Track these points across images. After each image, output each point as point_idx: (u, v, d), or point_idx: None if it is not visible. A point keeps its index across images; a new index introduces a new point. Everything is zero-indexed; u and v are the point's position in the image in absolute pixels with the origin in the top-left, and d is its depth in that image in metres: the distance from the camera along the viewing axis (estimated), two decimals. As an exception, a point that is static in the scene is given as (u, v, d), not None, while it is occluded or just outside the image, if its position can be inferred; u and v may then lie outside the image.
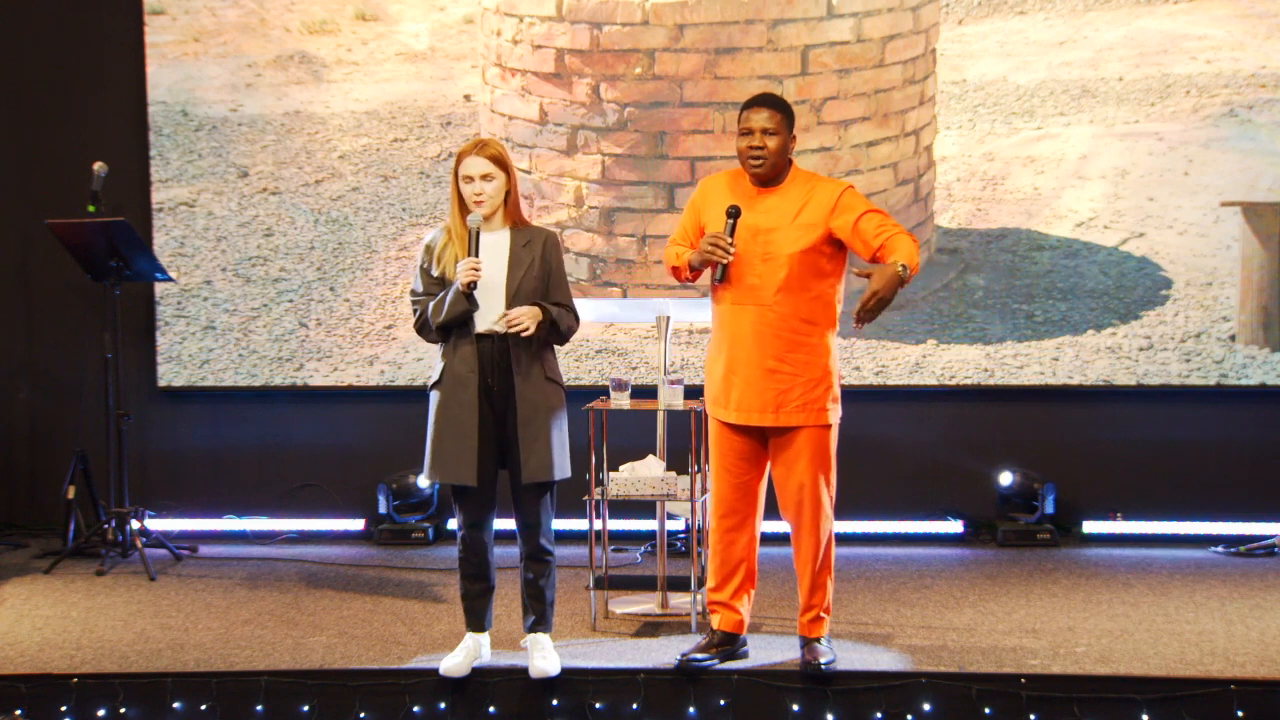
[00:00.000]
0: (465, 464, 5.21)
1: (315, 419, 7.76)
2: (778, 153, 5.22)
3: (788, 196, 5.25)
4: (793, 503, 5.30)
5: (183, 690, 5.36)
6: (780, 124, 5.22)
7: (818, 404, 5.24)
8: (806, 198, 5.23)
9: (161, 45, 7.70)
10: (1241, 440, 7.46)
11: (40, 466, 7.78)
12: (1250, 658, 5.49)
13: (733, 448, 5.34)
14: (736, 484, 5.35)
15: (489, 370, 5.23)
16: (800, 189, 5.27)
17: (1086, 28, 7.42)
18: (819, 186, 5.28)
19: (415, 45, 7.63)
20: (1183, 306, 7.42)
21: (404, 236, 7.68)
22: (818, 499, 5.27)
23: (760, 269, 5.21)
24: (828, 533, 5.33)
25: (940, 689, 5.24)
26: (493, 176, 5.21)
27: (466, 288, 5.14)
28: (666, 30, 7.39)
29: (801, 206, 5.22)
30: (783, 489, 5.32)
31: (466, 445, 5.20)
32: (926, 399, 7.55)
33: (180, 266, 7.71)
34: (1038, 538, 7.31)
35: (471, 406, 5.21)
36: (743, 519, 5.37)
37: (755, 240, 5.21)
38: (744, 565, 5.41)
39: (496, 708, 5.31)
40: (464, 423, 5.21)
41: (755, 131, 5.21)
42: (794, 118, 5.30)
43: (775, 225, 5.20)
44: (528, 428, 5.22)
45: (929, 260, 7.50)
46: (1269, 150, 7.35)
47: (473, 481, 5.21)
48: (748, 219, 5.22)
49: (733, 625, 5.44)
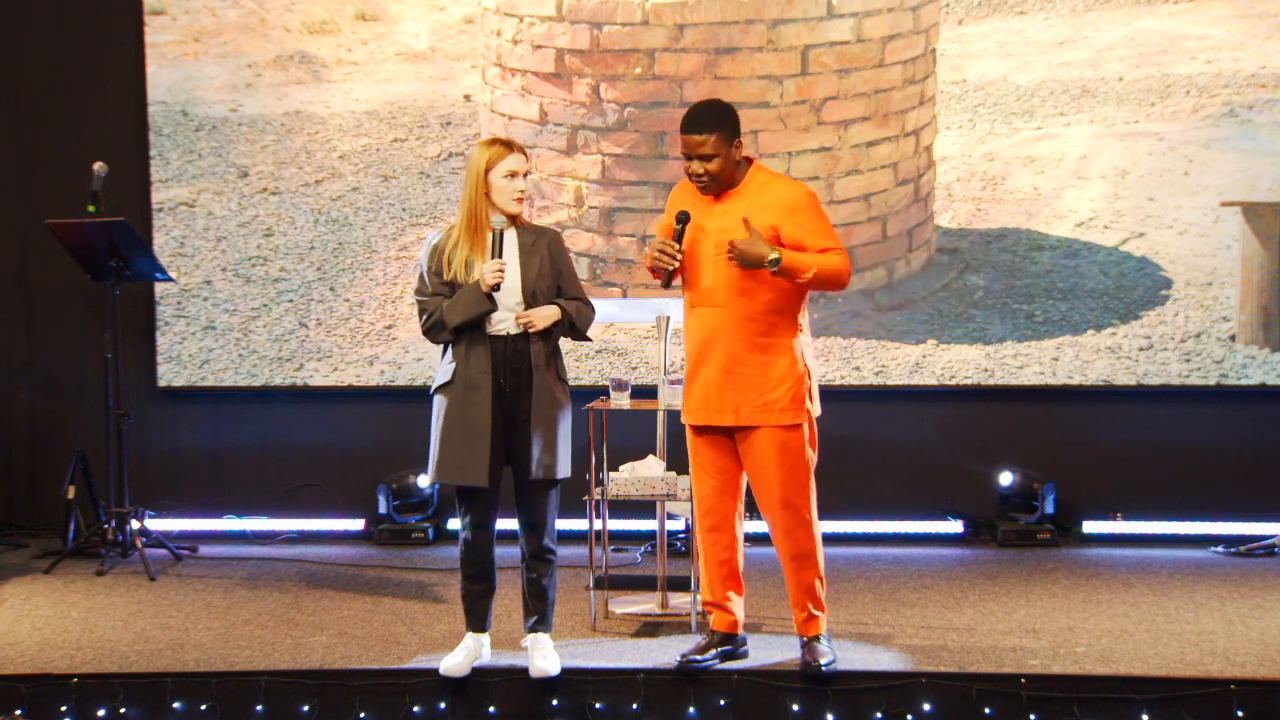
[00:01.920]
0: (478, 465, 5.20)
1: (315, 419, 7.76)
2: (721, 172, 5.19)
3: (742, 198, 5.23)
4: (765, 504, 5.32)
5: (183, 690, 5.36)
6: (718, 145, 5.15)
7: (777, 404, 5.22)
8: (761, 199, 5.20)
9: (161, 45, 7.70)
10: (1241, 440, 7.46)
11: (40, 466, 7.78)
12: (1250, 658, 5.49)
13: (703, 449, 5.36)
14: (713, 485, 5.37)
15: (502, 371, 5.23)
16: (755, 190, 5.23)
17: (1086, 28, 7.42)
18: (776, 187, 5.25)
19: (415, 45, 7.64)
20: (1183, 306, 7.42)
21: (404, 236, 7.68)
22: (786, 500, 5.27)
23: (712, 271, 5.21)
24: (806, 532, 5.32)
25: (940, 689, 5.24)
26: (529, 173, 5.28)
27: (492, 289, 5.15)
28: (666, 30, 7.40)
29: (757, 210, 5.18)
30: (755, 491, 5.34)
31: (479, 446, 5.19)
32: (926, 399, 7.56)
33: (180, 266, 7.71)
34: (1038, 538, 7.31)
35: (485, 408, 5.20)
36: (721, 519, 5.38)
37: (707, 242, 5.20)
38: (726, 565, 5.41)
39: (496, 708, 5.31)
40: (477, 424, 5.20)
41: (694, 159, 5.17)
42: (734, 126, 5.19)
43: (726, 227, 5.17)
44: (539, 425, 5.22)
45: (929, 260, 7.51)
46: (1269, 150, 7.35)
47: (484, 482, 5.21)
48: (703, 221, 5.21)
49: (727, 626, 5.44)
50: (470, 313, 5.19)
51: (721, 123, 5.18)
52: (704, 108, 5.26)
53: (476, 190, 5.22)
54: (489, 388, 5.21)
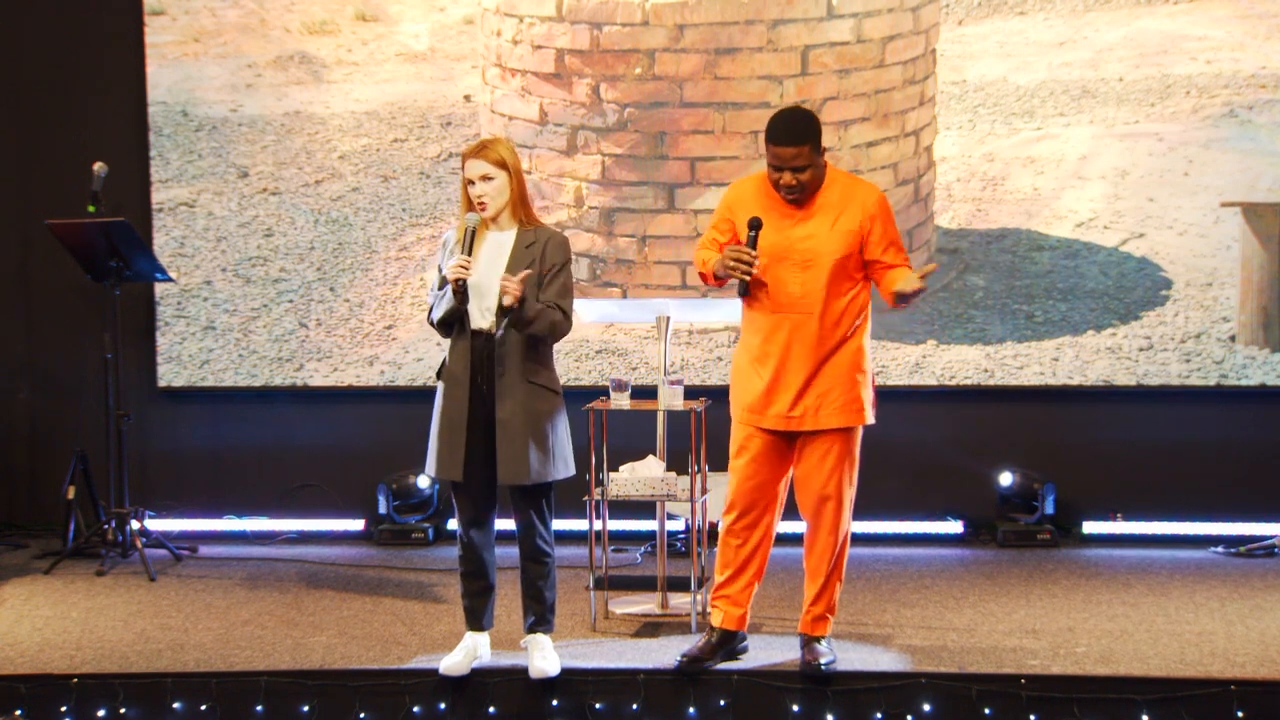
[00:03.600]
0: (454, 460, 5.23)
1: (315, 419, 7.76)
2: (812, 181, 5.16)
3: (825, 202, 5.20)
4: (814, 502, 5.28)
5: (183, 690, 5.36)
6: (810, 155, 5.13)
7: (856, 404, 5.24)
8: (844, 203, 5.18)
9: (161, 45, 7.70)
10: (1241, 440, 7.45)
11: (40, 466, 7.78)
12: (1250, 658, 5.49)
13: (762, 452, 5.28)
14: (758, 485, 5.30)
15: (479, 369, 5.23)
16: (837, 193, 5.21)
17: (1086, 28, 7.42)
18: (855, 190, 5.23)
19: (415, 45, 7.63)
20: (1183, 307, 7.42)
21: (404, 237, 7.68)
22: (840, 500, 5.27)
23: (801, 277, 5.17)
24: (845, 535, 5.33)
25: (940, 689, 5.24)
26: (492, 177, 5.20)
27: (455, 284, 5.14)
28: (666, 30, 7.39)
29: (840, 213, 5.17)
30: (807, 489, 5.30)
31: (456, 441, 5.22)
32: (926, 399, 7.55)
33: (180, 266, 7.71)
34: (1038, 538, 7.31)
35: (463, 404, 5.23)
36: (758, 518, 5.33)
37: (794, 249, 5.17)
38: (757, 561, 5.39)
39: (496, 708, 5.32)
40: (455, 419, 5.23)
41: (786, 170, 5.13)
42: (820, 134, 5.17)
43: (813, 233, 5.16)
44: (504, 430, 5.20)
45: (929, 260, 7.50)
46: (1269, 150, 7.35)
47: (459, 478, 5.23)
48: (785, 227, 5.17)
49: (735, 621, 5.42)
50: (442, 308, 5.21)
51: (811, 133, 5.14)
52: (793, 118, 5.19)
53: (463, 189, 5.28)
54: (467, 384, 5.23)
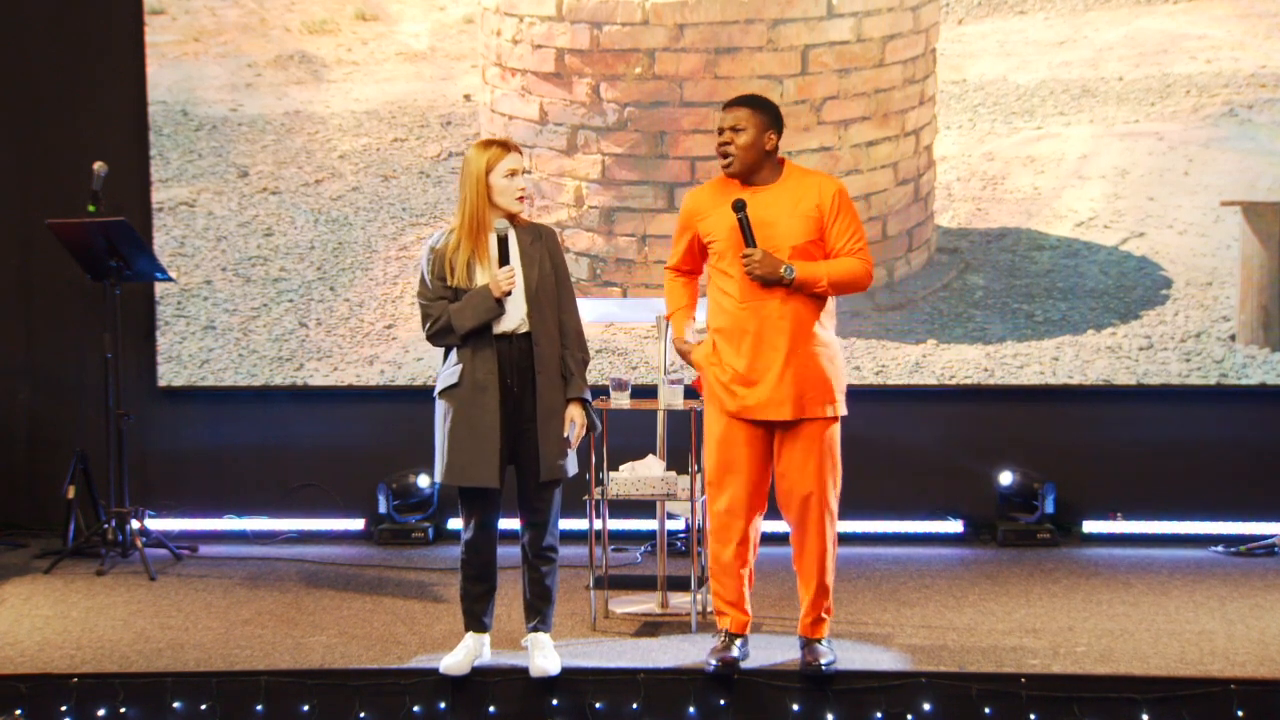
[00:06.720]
0: (488, 466, 5.19)
1: (315, 419, 7.76)
2: (746, 149, 5.20)
3: (784, 189, 5.24)
4: (798, 501, 5.24)
5: (183, 690, 5.36)
6: (749, 119, 5.19)
7: (832, 396, 5.23)
8: (802, 190, 5.23)
9: (161, 45, 7.70)
10: (1241, 440, 7.46)
11: (40, 466, 7.77)
12: (1250, 658, 5.49)
13: (743, 445, 5.26)
14: (744, 481, 5.29)
15: (508, 372, 5.23)
16: (795, 181, 5.26)
17: (1086, 28, 7.42)
18: (813, 178, 5.30)
19: (415, 45, 7.64)
20: (1183, 306, 7.42)
21: (404, 236, 7.68)
22: (824, 496, 5.24)
23: None
24: (832, 531, 5.31)
25: (940, 689, 5.24)
26: (530, 171, 5.27)
27: (504, 295, 5.16)
28: (666, 30, 7.39)
29: (799, 198, 5.21)
30: (789, 486, 5.26)
31: (489, 448, 5.19)
32: (926, 399, 7.55)
33: (180, 266, 7.71)
34: (1038, 538, 7.31)
35: (493, 409, 5.20)
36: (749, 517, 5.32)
37: (757, 236, 5.19)
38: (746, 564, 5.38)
39: (496, 708, 5.31)
40: (486, 425, 5.20)
41: (725, 129, 5.22)
42: (772, 114, 5.24)
43: (775, 219, 5.19)
44: (546, 426, 5.23)
45: (929, 260, 7.51)
46: (1269, 150, 7.35)
47: (495, 483, 5.21)
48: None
49: (740, 625, 5.40)
50: (480, 318, 5.19)
51: (757, 105, 5.25)
52: (747, 94, 5.34)
53: (477, 193, 5.21)
54: (496, 389, 5.21)
